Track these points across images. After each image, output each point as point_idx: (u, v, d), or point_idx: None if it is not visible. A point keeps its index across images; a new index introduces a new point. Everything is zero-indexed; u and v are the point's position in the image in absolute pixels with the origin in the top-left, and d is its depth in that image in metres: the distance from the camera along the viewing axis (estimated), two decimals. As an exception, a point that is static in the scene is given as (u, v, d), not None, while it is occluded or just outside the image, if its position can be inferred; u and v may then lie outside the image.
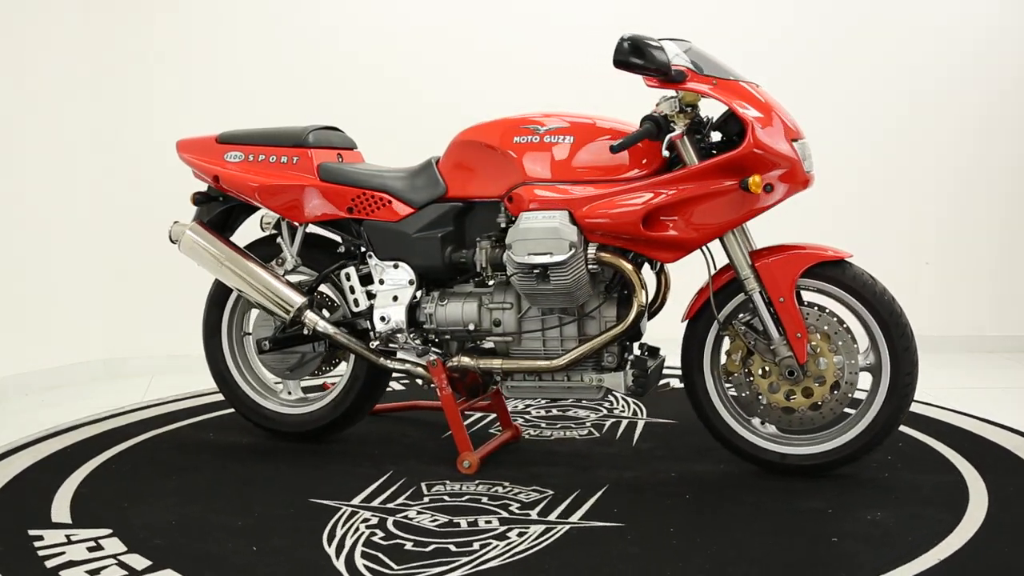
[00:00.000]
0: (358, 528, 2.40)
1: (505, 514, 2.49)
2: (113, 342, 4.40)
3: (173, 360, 4.30)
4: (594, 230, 2.67)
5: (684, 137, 2.60)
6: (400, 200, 2.92)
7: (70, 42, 4.25)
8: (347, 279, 3.00)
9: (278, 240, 3.10)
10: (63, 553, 2.26)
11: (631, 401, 3.63)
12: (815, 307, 2.70)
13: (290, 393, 3.24)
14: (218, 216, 3.20)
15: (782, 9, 4.60)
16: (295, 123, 3.08)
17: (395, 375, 3.52)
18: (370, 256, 2.98)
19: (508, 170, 2.77)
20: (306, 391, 3.34)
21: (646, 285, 2.72)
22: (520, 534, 2.35)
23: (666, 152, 2.61)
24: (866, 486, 2.65)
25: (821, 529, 2.35)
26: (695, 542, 2.27)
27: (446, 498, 2.62)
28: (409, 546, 2.28)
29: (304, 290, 3.05)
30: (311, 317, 2.98)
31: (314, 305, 3.05)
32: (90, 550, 2.28)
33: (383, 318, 2.92)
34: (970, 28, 4.57)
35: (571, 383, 2.83)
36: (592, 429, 3.28)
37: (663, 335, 3.10)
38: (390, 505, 2.57)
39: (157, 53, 4.38)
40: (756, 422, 2.78)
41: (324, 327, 2.97)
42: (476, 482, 2.74)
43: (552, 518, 2.45)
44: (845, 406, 2.67)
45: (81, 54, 4.28)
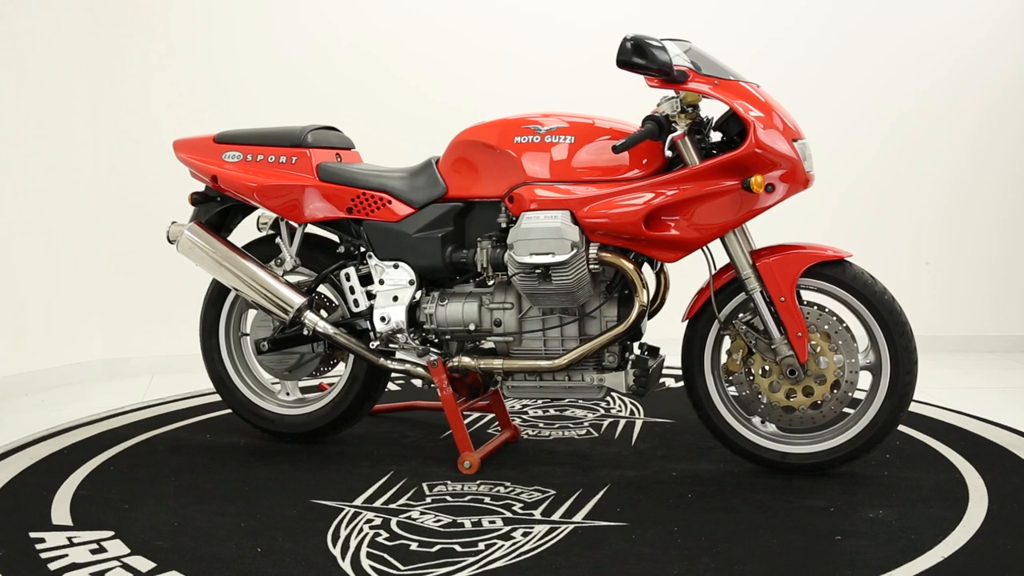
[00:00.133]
0: (362, 529, 2.39)
1: (508, 514, 2.49)
2: (113, 342, 4.38)
3: (173, 360, 4.29)
4: (596, 230, 2.67)
5: (685, 137, 2.61)
6: (400, 200, 2.92)
7: (70, 41, 4.23)
8: (347, 279, 2.99)
9: (277, 240, 3.09)
10: (66, 555, 2.24)
11: (628, 401, 3.64)
12: (815, 306, 2.71)
13: (288, 394, 3.23)
14: (215, 216, 3.18)
15: (782, 9, 4.60)
16: (293, 123, 3.07)
17: (391, 375, 3.51)
18: (370, 256, 2.97)
19: (509, 170, 2.77)
20: (304, 392, 3.33)
21: (647, 285, 2.73)
22: (525, 534, 2.35)
23: (669, 152, 2.62)
24: (866, 484, 2.66)
25: (824, 527, 2.36)
26: (701, 541, 2.28)
27: (448, 498, 2.62)
28: (414, 546, 2.28)
29: (303, 290, 3.04)
30: (311, 317, 2.97)
31: (313, 305, 3.05)
32: (93, 552, 2.26)
33: (383, 318, 2.91)
34: (970, 29, 4.58)
35: (572, 383, 2.83)
36: (590, 429, 3.28)
37: (661, 335, 3.11)
38: (393, 506, 2.56)
39: (157, 52, 4.37)
40: (756, 421, 2.79)
41: (324, 327, 2.96)
42: (477, 482, 2.74)
43: (556, 518, 2.46)
44: (845, 405, 2.69)
45: (81, 53, 4.26)
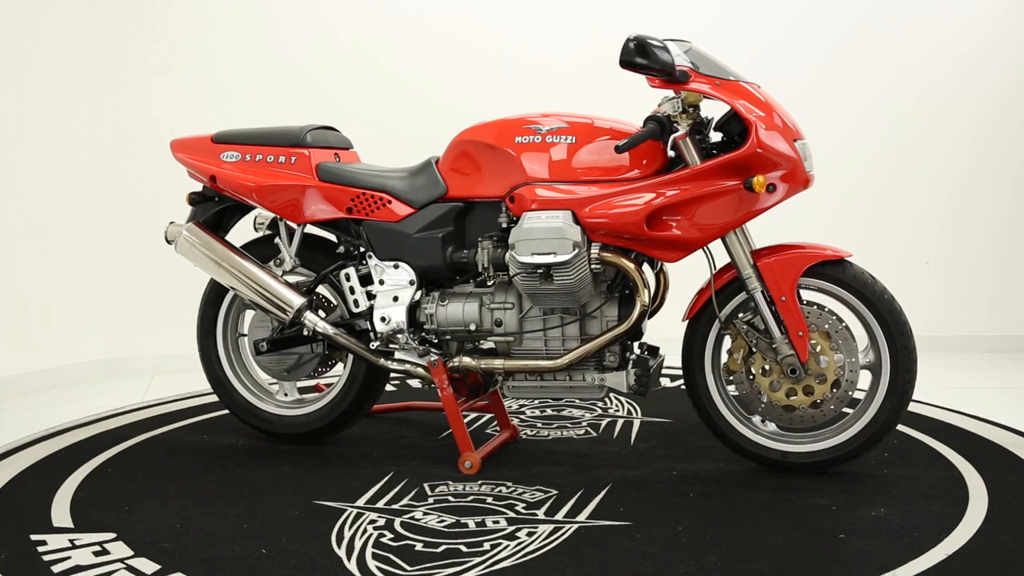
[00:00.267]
0: (366, 530, 2.39)
1: (512, 514, 2.49)
2: (113, 342, 4.36)
3: (173, 360, 4.27)
4: (597, 230, 2.67)
5: (687, 137, 2.62)
6: (400, 200, 2.91)
7: (70, 41, 4.21)
8: (347, 279, 2.99)
9: (276, 240, 3.08)
10: (68, 558, 2.23)
11: (625, 400, 3.64)
12: (814, 306, 2.72)
13: (286, 395, 3.22)
14: (212, 216, 3.17)
15: (782, 9, 4.60)
16: (293, 123, 3.06)
17: (389, 376, 3.50)
18: (370, 256, 2.96)
19: (509, 170, 2.77)
20: (302, 392, 3.32)
21: (649, 284, 2.73)
22: (529, 534, 2.35)
23: (671, 152, 2.63)
24: (867, 483, 2.67)
25: (827, 525, 2.37)
26: (706, 540, 2.29)
27: (450, 498, 2.62)
28: (419, 547, 2.28)
29: (302, 291, 3.03)
30: (311, 318, 2.96)
31: (313, 306, 3.04)
32: (96, 554, 2.25)
33: (384, 318, 2.90)
34: (970, 29, 4.58)
35: (573, 383, 2.83)
36: (589, 428, 3.28)
37: (661, 335, 3.12)
38: (395, 506, 2.56)
39: (157, 52, 4.35)
40: (757, 420, 2.80)
41: (324, 328, 2.95)
42: (479, 482, 2.74)
43: (559, 517, 2.46)
44: (845, 404, 2.70)
45: (81, 53, 4.24)
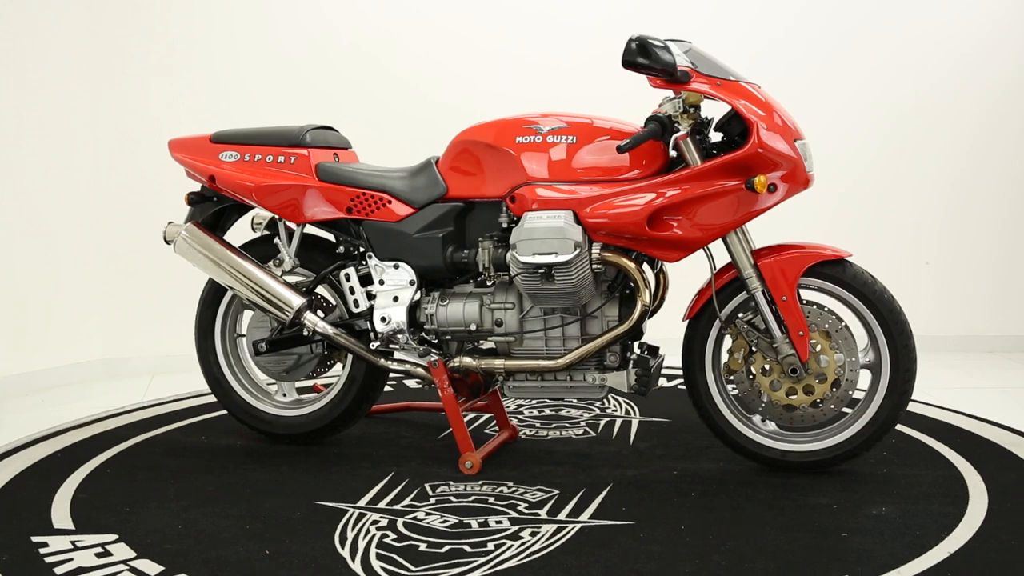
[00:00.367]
0: (368, 530, 2.38)
1: (514, 514, 2.49)
2: (113, 342, 4.35)
3: (173, 360, 4.25)
4: (598, 229, 2.67)
5: (688, 137, 2.62)
6: (400, 200, 2.91)
7: (70, 41, 4.20)
8: (347, 280, 2.98)
9: (275, 240, 3.07)
10: (71, 560, 2.22)
11: (623, 400, 3.64)
12: (814, 305, 2.73)
13: (285, 395, 3.21)
14: (210, 216, 3.16)
15: (782, 9, 4.60)
16: (293, 123, 3.05)
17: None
18: (369, 256, 2.96)
19: (510, 170, 2.77)
20: (301, 393, 3.31)
21: (650, 284, 2.74)
22: (533, 534, 2.35)
23: (673, 152, 2.63)
24: (867, 482, 2.68)
25: (829, 524, 2.37)
26: (709, 539, 2.29)
27: (452, 499, 2.61)
28: (423, 547, 2.27)
29: (301, 291, 3.02)
30: (311, 318, 2.95)
31: (312, 306, 3.03)
32: (98, 556, 2.24)
33: (384, 319, 2.90)
34: (970, 29, 4.58)
35: (574, 383, 2.83)
36: (587, 428, 3.28)
37: (660, 335, 3.12)
38: (397, 507, 2.55)
39: (157, 52, 4.34)
40: (757, 419, 2.81)
41: (324, 328, 2.94)
42: (480, 482, 2.74)
43: (562, 517, 2.46)
44: (845, 404, 2.71)
45: (81, 53, 4.23)
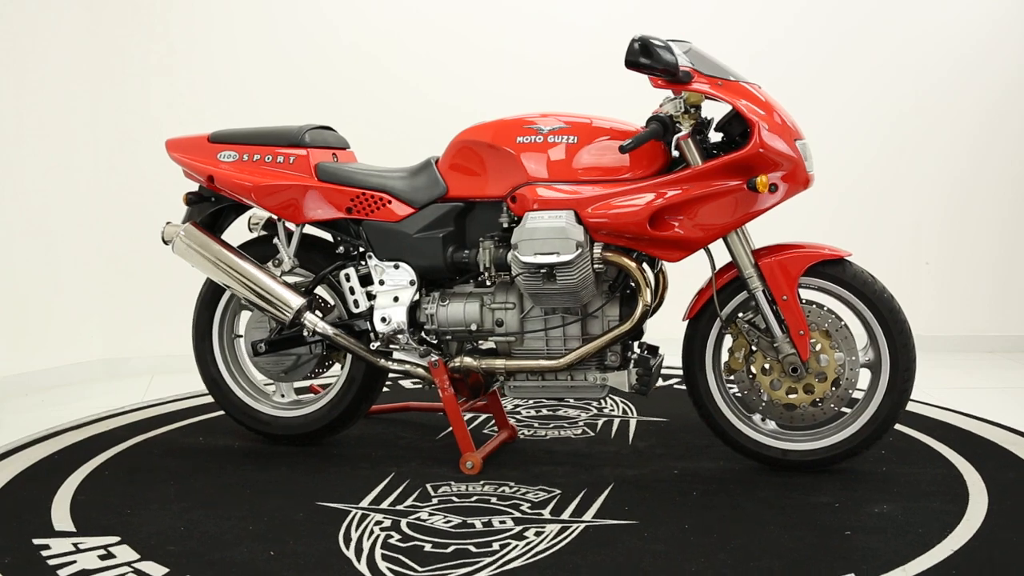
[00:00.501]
0: (372, 531, 2.38)
1: (517, 514, 2.49)
2: (113, 342, 4.34)
3: (173, 360, 4.22)
4: (600, 229, 2.67)
5: (689, 138, 2.63)
6: (400, 200, 2.90)
7: (70, 41, 4.17)
8: (347, 280, 2.97)
9: (274, 241, 3.06)
10: (74, 562, 2.20)
11: (620, 400, 3.65)
12: (813, 304, 2.74)
13: (283, 396, 3.20)
14: (208, 217, 3.14)
15: (782, 9, 4.60)
16: (291, 122, 3.04)
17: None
18: (369, 256, 2.95)
19: (510, 170, 2.77)
20: (299, 393, 3.30)
21: (651, 284, 2.74)
22: (537, 533, 2.35)
23: (675, 152, 2.64)
24: (867, 480, 2.70)
25: (832, 523, 2.39)
26: (713, 538, 2.30)
27: (454, 499, 2.61)
28: (428, 548, 2.27)
29: (301, 291, 3.01)
30: (311, 319, 2.95)
31: (312, 306, 3.02)
32: (101, 558, 2.22)
33: (384, 319, 2.89)
34: (970, 29, 4.59)
35: (574, 383, 2.83)
36: (586, 428, 3.29)
37: (659, 335, 3.13)
38: (400, 507, 2.55)
39: (157, 52, 4.32)
40: (757, 419, 2.82)
41: (324, 328, 2.94)
42: (481, 482, 2.73)
43: (565, 517, 2.46)
44: (845, 403, 2.72)
45: (81, 53, 4.20)
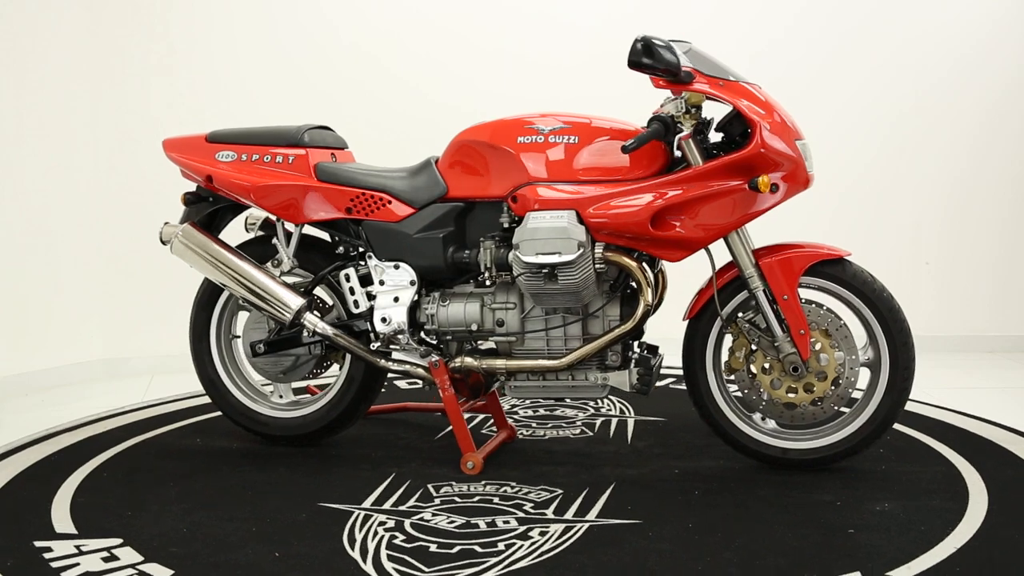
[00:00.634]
0: (376, 531, 2.37)
1: (521, 514, 2.49)
2: (113, 342, 4.32)
3: (173, 360, 4.20)
4: (601, 229, 2.68)
5: (690, 138, 2.64)
6: (400, 200, 2.90)
7: (70, 41, 4.15)
8: (347, 280, 2.96)
9: (274, 241, 3.04)
10: (77, 564, 2.19)
11: (617, 399, 3.65)
12: (813, 304, 2.75)
13: (281, 396, 3.19)
14: (205, 217, 3.13)
15: (782, 9, 4.61)
16: (290, 122, 3.03)
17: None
18: (369, 257, 2.94)
19: (511, 170, 2.77)
20: (297, 394, 3.28)
21: (652, 283, 2.75)
22: (542, 533, 2.35)
23: (678, 152, 2.65)
24: (867, 479, 2.71)
25: (835, 521, 2.40)
26: (717, 537, 2.30)
27: (457, 499, 2.61)
28: (434, 548, 2.27)
29: (300, 291, 3.00)
30: (311, 319, 2.94)
31: (311, 307, 3.01)
32: (105, 560, 2.21)
33: (384, 319, 2.89)
34: (970, 29, 4.60)
35: (575, 382, 2.84)
36: (584, 428, 3.29)
37: (657, 334, 3.13)
38: (403, 508, 2.55)
39: (157, 52, 4.30)
40: (757, 418, 2.82)
41: (324, 329, 2.93)
42: (483, 482, 2.73)
43: (569, 516, 2.46)
44: (845, 402, 2.73)
45: (81, 53, 4.18)
